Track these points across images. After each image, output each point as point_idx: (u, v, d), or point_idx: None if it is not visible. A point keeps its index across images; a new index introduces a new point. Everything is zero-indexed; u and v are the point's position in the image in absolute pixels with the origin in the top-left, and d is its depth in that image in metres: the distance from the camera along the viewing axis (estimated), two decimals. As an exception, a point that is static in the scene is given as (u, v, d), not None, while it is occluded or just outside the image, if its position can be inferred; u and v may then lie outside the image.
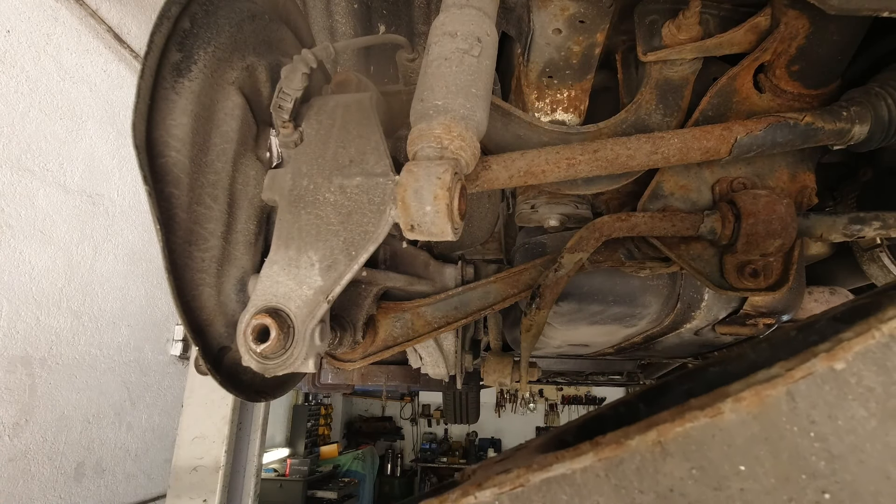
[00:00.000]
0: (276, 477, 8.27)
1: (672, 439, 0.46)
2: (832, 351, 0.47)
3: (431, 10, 1.41)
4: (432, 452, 11.29)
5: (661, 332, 1.40)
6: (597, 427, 0.52)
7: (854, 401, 0.46)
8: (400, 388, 10.55)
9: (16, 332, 2.87)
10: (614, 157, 0.90)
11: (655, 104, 1.01)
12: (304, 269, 0.78)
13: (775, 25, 0.92)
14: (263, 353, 0.75)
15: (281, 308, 0.77)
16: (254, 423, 3.96)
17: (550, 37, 0.94)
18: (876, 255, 1.32)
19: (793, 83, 0.98)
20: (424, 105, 0.71)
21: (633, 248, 1.14)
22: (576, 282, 1.20)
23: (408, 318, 1.19)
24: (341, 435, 11.43)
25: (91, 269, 3.37)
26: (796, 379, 0.46)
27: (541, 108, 1.08)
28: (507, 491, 0.49)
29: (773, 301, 1.24)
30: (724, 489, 0.45)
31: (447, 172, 0.64)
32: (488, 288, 1.20)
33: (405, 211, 0.66)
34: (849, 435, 0.45)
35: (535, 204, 1.16)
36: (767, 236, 0.93)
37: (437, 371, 1.63)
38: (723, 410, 0.46)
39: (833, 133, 0.93)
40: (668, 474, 0.46)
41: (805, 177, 1.05)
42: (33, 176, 2.98)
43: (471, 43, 0.74)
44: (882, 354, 0.46)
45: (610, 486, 0.47)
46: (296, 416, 9.55)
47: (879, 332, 0.47)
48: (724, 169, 1.05)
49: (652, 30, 0.97)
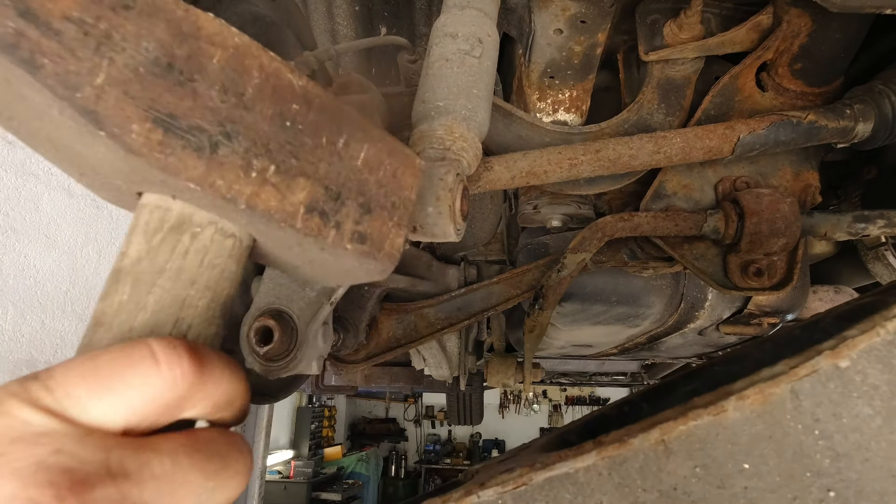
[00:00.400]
0: (281, 479, 8.28)
1: (675, 438, 0.46)
2: (837, 349, 0.47)
3: (433, 11, 1.41)
4: (436, 454, 11.28)
5: (665, 332, 1.40)
6: (600, 426, 0.52)
7: (859, 399, 0.46)
8: (403, 390, 10.55)
9: (21, 335, 2.88)
10: (616, 156, 0.89)
11: (657, 104, 1.01)
12: (306, 270, 0.79)
13: (777, 24, 0.92)
14: (267, 355, 0.75)
15: (284, 310, 0.77)
16: (258, 425, 3.96)
17: (552, 37, 0.94)
18: (881, 253, 1.32)
19: (795, 81, 0.98)
20: (426, 106, 0.71)
21: (636, 247, 1.14)
22: (579, 282, 1.20)
23: (411, 319, 1.19)
24: (345, 437, 11.44)
25: (95, 272, 3.39)
26: (800, 377, 0.46)
27: (542, 108, 1.08)
28: (511, 490, 0.49)
29: (778, 300, 1.23)
30: (728, 487, 0.45)
31: (449, 173, 0.64)
32: (491, 289, 1.20)
33: (407, 212, 0.66)
34: (854, 433, 0.45)
35: (537, 204, 1.16)
36: (771, 235, 0.92)
37: (440, 372, 1.63)
38: (726, 409, 0.46)
39: (836, 131, 0.92)
40: (672, 473, 0.46)
41: (809, 175, 1.05)
42: (38, 180, 3.00)
43: (472, 44, 0.74)
44: (887, 352, 0.46)
45: (613, 484, 0.47)
46: (299, 418, 9.56)
47: (884, 329, 0.47)
48: (727, 168, 1.05)
49: (653, 29, 0.97)
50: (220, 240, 0.39)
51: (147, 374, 0.32)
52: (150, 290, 0.36)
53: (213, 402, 0.36)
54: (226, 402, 0.37)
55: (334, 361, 1.16)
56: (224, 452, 0.36)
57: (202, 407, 0.35)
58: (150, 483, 0.31)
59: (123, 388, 0.32)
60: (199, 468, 0.34)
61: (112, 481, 0.30)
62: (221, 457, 0.35)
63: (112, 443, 0.31)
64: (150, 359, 0.33)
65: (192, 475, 0.33)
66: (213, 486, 0.34)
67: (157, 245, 0.37)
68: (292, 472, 8.42)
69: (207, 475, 0.34)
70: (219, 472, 0.35)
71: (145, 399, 0.32)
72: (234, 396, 0.37)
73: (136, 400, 0.32)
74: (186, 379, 0.33)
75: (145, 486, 0.31)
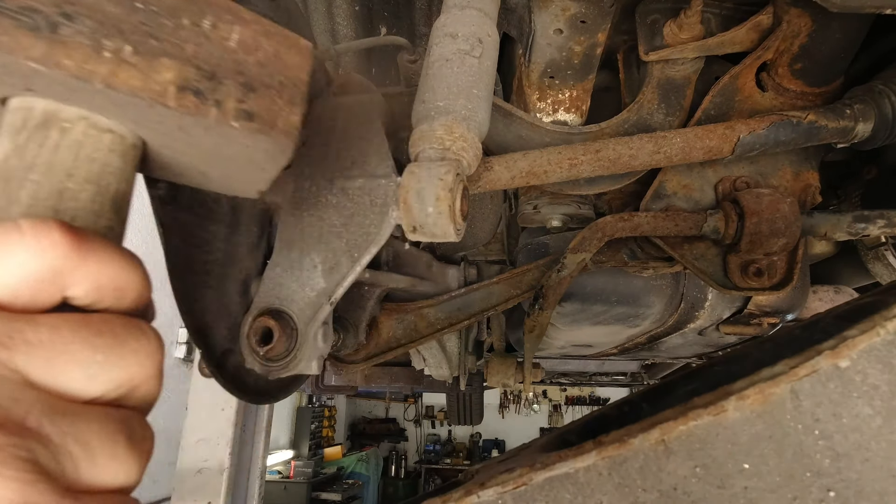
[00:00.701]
0: (281, 479, 8.28)
1: (675, 438, 0.46)
2: (837, 349, 0.47)
3: (433, 11, 1.41)
4: (436, 454, 11.28)
5: (665, 331, 1.40)
6: (600, 426, 0.52)
7: (859, 399, 0.46)
8: (403, 390, 10.56)
9: None
10: (616, 156, 0.89)
11: (657, 104, 1.01)
12: (306, 271, 0.79)
13: (777, 24, 0.92)
14: (267, 354, 0.75)
15: (284, 310, 0.77)
16: (258, 425, 3.96)
17: (552, 37, 0.94)
18: (881, 253, 1.32)
19: (795, 81, 0.98)
20: (426, 106, 0.71)
21: (635, 247, 1.14)
22: (579, 282, 1.20)
23: (411, 319, 1.19)
24: (345, 437, 11.45)
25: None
26: (800, 377, 0.46)
27: (542, 108, 1.08)
28: (510, 490, 0.49)
29: (778, 300, 1.23)
30: (728, 487, 0.45)
31: (449, 173, 0.64)
32: (491, 289, 1.20)
33: (407, 212, 0.66)
34: (854, 433, 0.45)
35: (537, 204, 1.16)
36: (771, 235, 0.92)
37: (440, 372, 1.63)
38: (726, 408, 0.46)
39: (836, 131, 0.92)
40: (672, 473, 0.46)
41: (809, 175, 1.05)
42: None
43: (472, 44, 0.74)
44: (887, 352, 0.46)
45: (613, 484, 0.47)
46: (300, 418, 9.56)
47: (885, 329, 0.47)
48: (727, 168, 1.05)
49: (653, 29, 0.97)
50: (95, 134, 0.39)
51: (11, 245, 0.32)
52: (22, 185, 0.36)
53: (97, 283, 0.35)
54: (112, 286, 0.35)
55: (334, 361, 1.16)
56: (118, 331, 0.35)
57: (84, 287, 0.34)
58: (23, 349, 0.31)
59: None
60: (83, 340, 0.33)
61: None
62: (114, 334, 0.34)
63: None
64: (16, 232, 0.32)
65: (76, 346, 0.32)
66: (101, 362, 0.33)
67: (24, 143, 0.37)
68: (292, 472, 8.42)
69: (95, 348, 0.33)
70: (107, 348, 0.34)
71: (11, 272, 0.32)
72: (124, 283, 0.36)
73: (3, 271, 0.31)
74: (58, 249, 0.32)
75: (17, 350, 0.30)
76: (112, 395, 0.35)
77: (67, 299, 0.34)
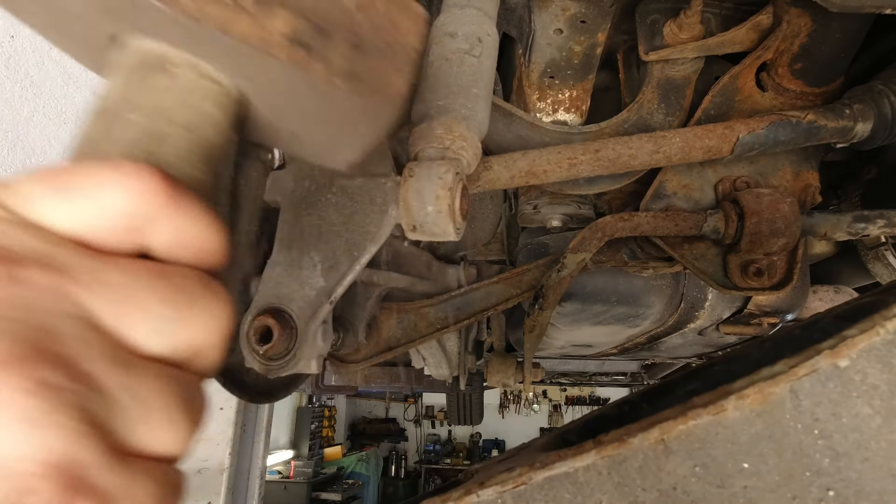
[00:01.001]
0: (281, 479, 8.28)
1: (675, 437, 0.46)
2: (836, 348, 0.47)
3: (432, 10, 1.41)
4: (436, 454, 11.28)
5: (665, 331, 1.40)
6: (600, 426, 0.52)
7: (858, 398, 0.45)
8: (403, 390, 10.55)
9: (21, 335, 2.88)
10: (616, 156, 0.89)
11: (657, 104, 1.01)
12: (306, 269, 0.79)
13: (777, 23, 0.92)
14: (266, 353, 0.75)
15: (283, 309, 0.77)
16: (258, 425, 3.96)
17: (552, 37, 0.94)
18: (880, 253, 1.32)
19: (795, 81, 0.98)
20: (425, 105, 0.71)
21: (635, 247, 1.14)
22: (579, 282, 1.20)
23: (410, 318, 1.19)
24: (345, 437, 11.44)
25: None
26: (800, 376, 0.46)
27: (542, 108, 1.08)
28: (510, 489, 0.49)
29: (778, 300, 1.23)
30: (728, 487, 0.45)
31: (449, 172, 0.64)
32: (491, 288, 1.20)
33: (407, 211, 0.66)
34: (853, 432, 0.45)
35: (537, 204, 1.16)
36: (771, 235, 0.92)
37: (440, 372, 1.63)
38: (726, 408, 0.46)
39: (836, 131, 0.92)
40: (672, 472, 0.46)
41: (808, 175, 1.05)
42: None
43: (472, 43, 0.74)
44: (887, 352, 0.46)
45: (612, 483, 0.46)
46: (299, 418, 9.56)
47: (884, 329, 0.47)
48: (727, 168, 1.05)
49: (653, 29, 0.97)
50: (201, 83, 0.38)
51: (108, 184, 0.30)
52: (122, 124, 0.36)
53: (181, 237, 0.33)
54: (195, 243, 0.34)
55: (334, 361, 1.16)
56: (194, 289, 0.33)
57: (167, 238, 0.32)
58: (96, 288, 0.28)
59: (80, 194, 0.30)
60: (158, 292, 0.31)
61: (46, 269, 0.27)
62: (189, 292, 0.32)
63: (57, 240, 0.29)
64: (114, 171, 0.30)
65: (149, 296, 0.30)
66: (173, 318, 0.31)
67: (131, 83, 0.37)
68: (292, 472, 8.42)
69: (167, 304, 0.31)
70: (181, 304, 0.31)
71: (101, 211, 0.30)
72: (207, 242, 0.34)
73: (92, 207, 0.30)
74: (151, 196, 0.31)
75: (89, 289, 0.28)
76: (176, 356, 0.32)
77: (148, 249, 0.33)
